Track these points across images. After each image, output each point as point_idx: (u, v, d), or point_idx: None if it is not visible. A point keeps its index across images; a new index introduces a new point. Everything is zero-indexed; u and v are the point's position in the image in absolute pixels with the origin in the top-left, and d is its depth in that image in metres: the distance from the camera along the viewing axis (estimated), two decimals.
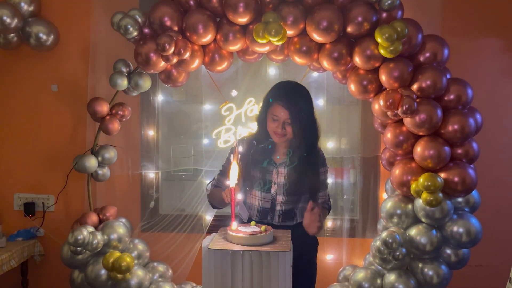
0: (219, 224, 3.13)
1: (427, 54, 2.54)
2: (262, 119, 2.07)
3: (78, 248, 2.58)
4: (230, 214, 1.69)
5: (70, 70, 3.15)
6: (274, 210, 2.10)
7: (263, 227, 1.66)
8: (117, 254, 2.61)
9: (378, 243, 2.53)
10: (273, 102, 2.00)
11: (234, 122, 2.90)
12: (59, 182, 3.08)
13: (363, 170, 3.09)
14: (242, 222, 1.91)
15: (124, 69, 2.75)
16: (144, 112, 3.16)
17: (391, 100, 2.40)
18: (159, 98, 3.15)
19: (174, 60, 2.54)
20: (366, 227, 3.07)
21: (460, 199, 2.60)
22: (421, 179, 2.39)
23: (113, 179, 3.12)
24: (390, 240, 2.45)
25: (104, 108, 2.75)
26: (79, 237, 2.52)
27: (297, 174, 2.06)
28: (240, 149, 2.11)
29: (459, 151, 2.53)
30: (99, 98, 2.76)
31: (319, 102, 3.05)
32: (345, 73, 2.71)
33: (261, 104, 2.10)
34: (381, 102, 2.45)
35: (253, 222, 1.74)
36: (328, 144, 3.10)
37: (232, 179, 1.71)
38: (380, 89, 2.62)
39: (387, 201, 2.68)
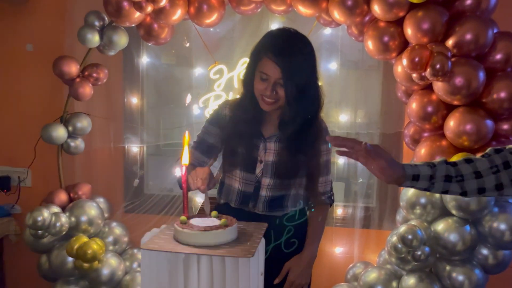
0: (211, 207, 2.71)
1: (468, 1, 1.97)
2: (248, 79, 1.57)
3: (39, 232, 2.22)
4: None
5: (46, 27, 2.75)
6: (257, 196, 1.63)
7: (223, 220, 1.20)
8: (84, 239, 2.24)
9: (394, 239, 2.04)
10: (261, 55, 1.49)
11: (225, 88, 2.42)
12: (39, 154, 2.72)
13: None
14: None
15: (97, 23, 2.32)
16: (127, 76, 2.73)
17: (417, 58, 1.87)
18: (144, 60, 2.71)
19: (149, 9, 2.09)
20: (384, 217, 2.57)
21: None
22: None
23: (94, 152, 2.75)
24: (410, 237, 1.95)
25: (72, 68, 2.34)
26: (38, 219, 2.16)
27: (291, 152, 1.58)
28: (224, 114, 1.65)
29: (505, 126, 1.98)
30: (67, 56, 2.35)
31: (331, 66, 2.54)
32: (362, 27, 2.18)
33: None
34: (405, 62, 1.91)
35: (214, 213, 1.29)
36: (341, 117, 2.59)
37: (184, 157, 1.26)
38: (404, 46, 2.08)
39: (407, 188, 2.16)
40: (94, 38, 2.28)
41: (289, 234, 1.68)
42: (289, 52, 1.46)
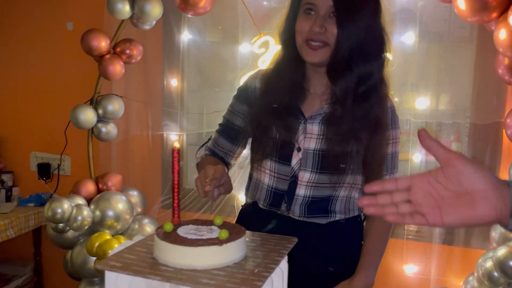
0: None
1: None
2: (288, 27, 1.16)
3: (59, 225, 1.99)
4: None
5: (86, 3, 2.55)
6: (292, 195, 1.21)
7: (222, 231, 0.80)
8: (106, 236, 1.97)
9: (489, 264, 1.50)
10: None
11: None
12: (78, 141, 2.53)
13: (474, 144, 2.00)
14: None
15: None
16: (167, 55, 2.43)
17: None
18: (185, 37, 2.38)
19: None
20: (472, 232, 2.00)
21: None
22: None
23: (131, 140, 2.49)
24: None
25: (102, 43, 2.08)
26: (58, 211, 1.92)
27: (341, 137, 1.14)
28: (254, 87, 1.26)
29: None
30: (95, 30, 2.09)
31: (406, 39, 2.02)
32: None
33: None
34: None
35: (218, 219, 0.89)
36: (418, 103, 2.06)
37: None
38: (510, 2, 1.53)
39: None
40: (124, 8, 2.00)
41: (336, 249, 1.24)
42: None
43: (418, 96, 2.06)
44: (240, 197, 2.35)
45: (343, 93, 1.11)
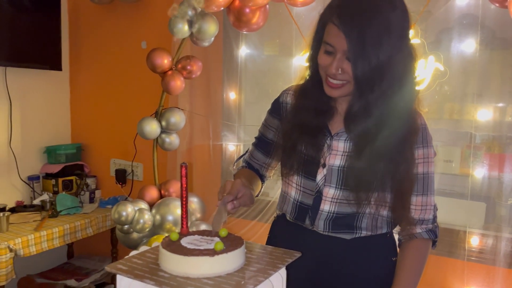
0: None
1: None
2: (313, 55, 1.18)
3: (124, 226, 2.19)
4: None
5: (157, 23, 2.77)
6: (317, 211, 1.22)
7: (218, 243, 0.86)
8: (161, 238, 2.12)
9: None
10: (326, 19, 1.09)
11: None
12: (150, 149, 2.77)
13: None
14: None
15: (190, 13, 2.19)
16: (226, 69, 2.56)
17: None
18: (243, 51, 2.49)
19: None
20: None
21: None
22: None
23: (194, 150, 2.66)
24: None
25: (164, 60, 2.26)
26: (123, 213, 2.13)
27: (365, 155, 1.14)
28: (285, 102, 1.31)
29: None
30: (159, 48, 2.28)
31: (466, 47, 1.91)
32: None
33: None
34: None
35: (223, 231, 0.95)
36: (480, 115, 1.93)
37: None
38: None
39: None
40: (184, 28, 2.16)
41: (363, 265, 1.22)
42: (359, 12, 1.03)
43: (480, 107, 1.93)
44: None
45: (359, 115, 1.10)
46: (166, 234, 2.15)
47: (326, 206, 1.21)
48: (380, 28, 1.03)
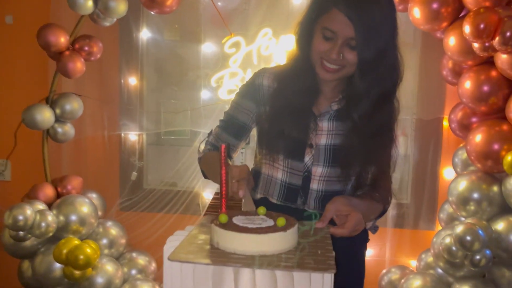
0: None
1: None
2: (304, 39, 1.21)
3: (20, 233, 1.85)
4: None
5: None
6: (307, 190, 1.28)
7: (280, 219, 0.86)
8: (75, 242, 1.87)
9: (448, 240, 1.73)
10: (328, 6, 1.13)
11: (242, 64, 2.07)
12: (18, 143, 2.34)
13: (419, 138, 2.26)
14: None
15: None
16: (124, 53, 2.37)
17: (483, 24, 1.55)
18: (144, 35, 2.35)
19: None
20: (420, 215, 2.26)
21: None
22: None
23: (85, 141, 2.39)
24: (470, 238, 1.64)
25: (61, 39, 1.97)
26: (19, 218, 1.79)
27: (363, 133, 1.22)
28: (263, 85, 1.30)
29: None
30: (54, 25, 1.98)
31: None
32: None
33: (304, 15, 1.22)
34: (468, 28, 1.59)
35: (261, 209, 0.95)
36: None
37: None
38: (457, 13, 1.78)
39: (458, 180, 1.86)
40: (87, 3, 1.92)
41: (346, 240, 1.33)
42: (366, 3, 1.10)
43: None
44: (205, 195, 2.38)
45: (354, 100, 1.20)
46: (72, 236, 1.91)
47: (315, 185, 1.27)
48: (381, 19, 1.12)
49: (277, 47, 1.98)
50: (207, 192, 2.37)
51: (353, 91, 1.19)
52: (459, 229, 1.67)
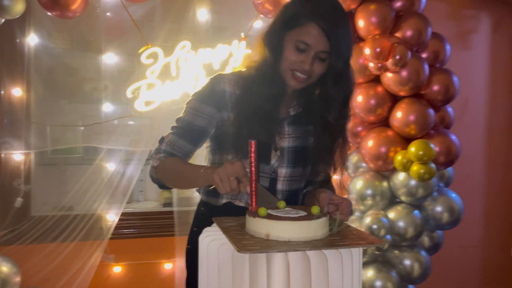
0: (126, 224, 2.24)
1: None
2: (274, 47, 1.26)
3: None
4: None
5: None
6: (274, 191, 1.34)
7: (315, 207, 0.93)
8: None
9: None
10: (303, 20, 1.22)
11: (161, 75, 2.02)
12: None
13: None
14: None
15: None
16: (5, 60, 2.05)
17: (379, 48, 1.90)
18: (32, 40, 2.07)
19: None
20: None
21: None
22: (412, 148, 1.94)
23: None
24: (376, 226, 1.94)
25: None
26: None
27: (303, 135, 1.35)
28: (223, 91, 1.31)
29: (437, 116, 2.18)
30: None
31: None
32: None
33: (275, 22, 1.29)
34: (368, 51, 1.92)
35: (282, 203, 0.99)
36: None
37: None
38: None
39: (355, 180, 2.17)
40: None
41: None
42: (338, 18, 1.24)
43: None
44: (109, 217, 2.19)
45: (305, 101, 1.34)
46: None
47: (280, 185, 1.34)
48: (348, 34, 1.28)
49: (196, 59, 2.00)
50: (111, 214, 2.18)
51: (313, 98, 1.33)
52: (369, 220, 1.96)
